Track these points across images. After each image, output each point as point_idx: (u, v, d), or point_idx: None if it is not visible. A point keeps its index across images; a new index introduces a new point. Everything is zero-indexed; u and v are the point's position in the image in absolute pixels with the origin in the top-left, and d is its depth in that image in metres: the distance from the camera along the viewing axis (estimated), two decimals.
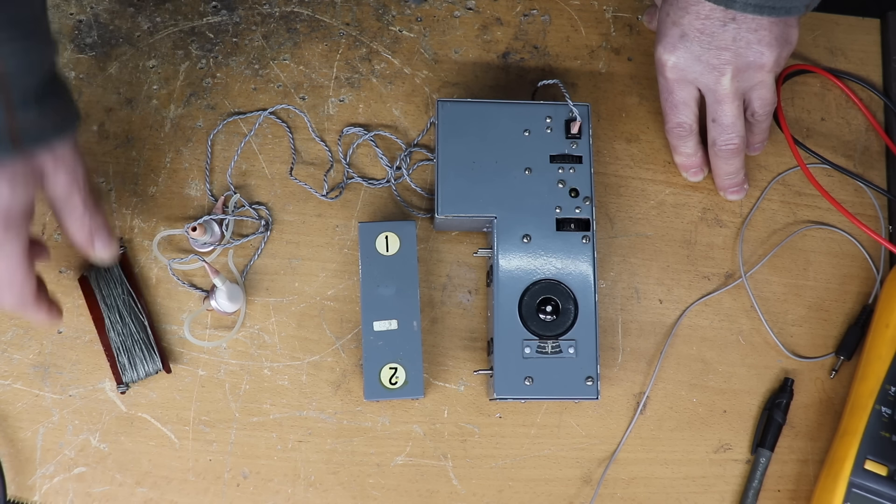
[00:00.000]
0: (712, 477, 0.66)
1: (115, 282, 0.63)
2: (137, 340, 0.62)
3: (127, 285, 0.63)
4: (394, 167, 0.69)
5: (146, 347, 0.63)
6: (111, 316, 0.62)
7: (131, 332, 0.62)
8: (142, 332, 0.63)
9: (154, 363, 0.63)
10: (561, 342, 0.62)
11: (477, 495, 0.65)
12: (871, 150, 0.74)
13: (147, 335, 0.63)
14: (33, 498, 0.62)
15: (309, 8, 0.72)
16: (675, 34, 0.63)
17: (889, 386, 0.64)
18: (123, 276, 0.64)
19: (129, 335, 0.62)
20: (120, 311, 0.63)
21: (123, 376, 0.62)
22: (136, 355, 0.62)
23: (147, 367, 0.63)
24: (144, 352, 0.62)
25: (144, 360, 0.62)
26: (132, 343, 0.62)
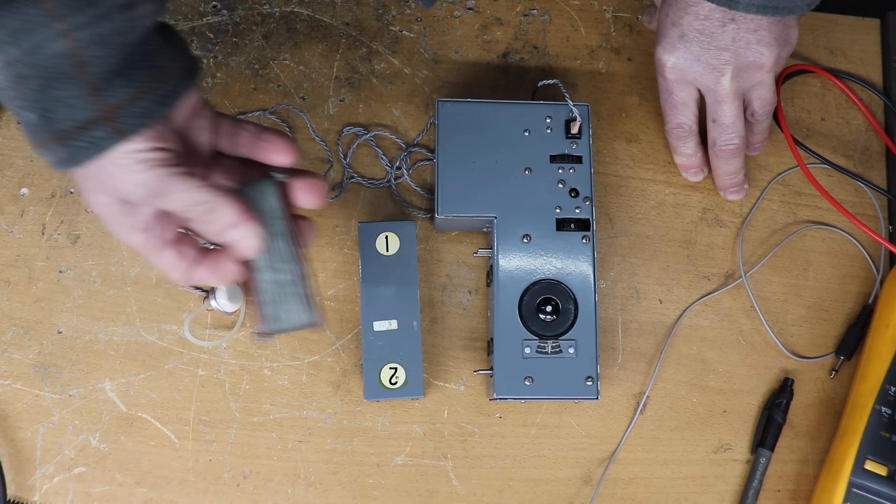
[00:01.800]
0: (712, 477, 0.66)
1: (270, 218, 0.53)
2: (291, 291, 0.53)
3: (284, 224, 0.53)
4: (394, 167, 0.69)
5: (298, 299, 0.54)
6: (265, 258, 0.53)
7: (285, 279, 0.53)
8: (296, 283, 0.54)
9: (308, 315, 0.54)
10: (561, 342, 0.62)
11: (477, 495, 0.65)
12: (871, 150, 0.74)
13: (302, 285, 0.54)
14: (33, 498, 0.62)
15: (309, 8, 0.72)
16: (675, 34, 0.63)
17: (889, 386, 0.64)
18: (282, 213, 0.53)
19: (283, 283, 0.53)
20: (276, 253, 0.53)
21: (267, 326, 0.53)
22: (285, 306, 0.54)
23: (297, 319, 0.54)
24: (295, 303, 0.54)
25: (298, 311, 0.53)
26: (283, 291, 0.53)
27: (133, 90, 0.45)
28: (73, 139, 0.44)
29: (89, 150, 0.45)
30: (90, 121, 0.44)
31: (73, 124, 0.44)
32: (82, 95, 0.44)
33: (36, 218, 0.66)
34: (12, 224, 0.66)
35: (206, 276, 0.52)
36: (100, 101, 0.44)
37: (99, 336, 0.65)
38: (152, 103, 0.46)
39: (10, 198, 0.66)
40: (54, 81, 0.43)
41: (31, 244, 0.66)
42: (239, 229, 0.49)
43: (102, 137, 0.44)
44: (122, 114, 0.45)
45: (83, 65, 0.43)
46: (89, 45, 0.43)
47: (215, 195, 0.48)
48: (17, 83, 0.43)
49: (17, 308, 0.65)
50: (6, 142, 0.67)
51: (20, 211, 0.66)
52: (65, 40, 0.42)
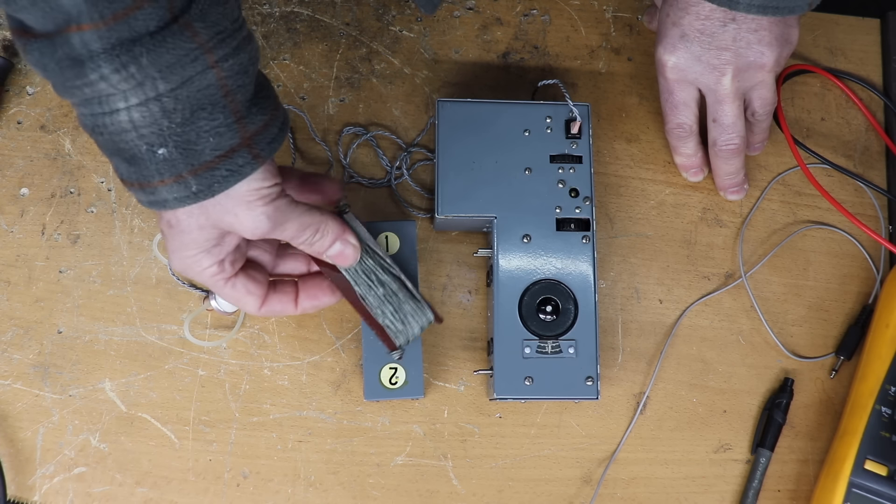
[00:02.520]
0: (712, 477, 0.66)
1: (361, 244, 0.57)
2: (399, 296, 0.56)
3: (367, 242, 0.57)
4: (394, 167, 0.69)
5: (412, 300, 0.57)
6: (362, 281, 0.56)
7: (390, 291, 0.56)
8: (401, 289, 0.57)
9: (426, 313, 0.57)
10: (561, 342, 0.62)
11: (477, 495, 0.65)
12: (871, 150, 0.74)
13: (406, 285, 0.57)
14: (33, 498, 0.62)
15: (309, 8, 0.72)
16: (676, 34, 0.63)
17: (889, 386, 0.64)
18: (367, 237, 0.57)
19: (391, 294, 0.56)
20: (370, 272, 0.56)
21: (397, 339, 0.57)
22: (406, 313, 0.57)
23: (420, 320, 0.57)
24: (412, 305, 0.57)
25: (414, 313, 0.57)
26: (396, 302, 0.56)
27: (265, 117, 0.47)
28: (214, 168, 0.46)
29: (229, 178, 0.46)
30: (233, 148, 0.46)
31: (218, 153, 0.45)
32: (229, 124, 0.45)
33: (36, 218, 0.66)
34: (12, 224, 0.66)
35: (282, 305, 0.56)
36: (243, 129, 0.46)
37: (99, 336, 0.65)
38: (277, 129, 0.48)
39: (10, 198, 0.66)
40: (202, 112, 0.45)
41: (31, 244, 0.66)
42: (341, 241, 0.54)
43: (242, 164, 0.46)
44: (258, 140, 0.47)
45: (230, 93, 0.45)
46: (234, 75, 0.45)
47: (321, 215, 0.53)
48: (159, 118, 0.44)
49: (17, 308, 0.65)
50: (6, 142, 0.67)
51: (20, 211, 0.66)
52: (215, 71, 0.44)
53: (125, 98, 0.43)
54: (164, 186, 0.46)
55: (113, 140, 0.45)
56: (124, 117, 0.43)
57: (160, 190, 0.46)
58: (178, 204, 0.47)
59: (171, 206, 0.47)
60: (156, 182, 0.46)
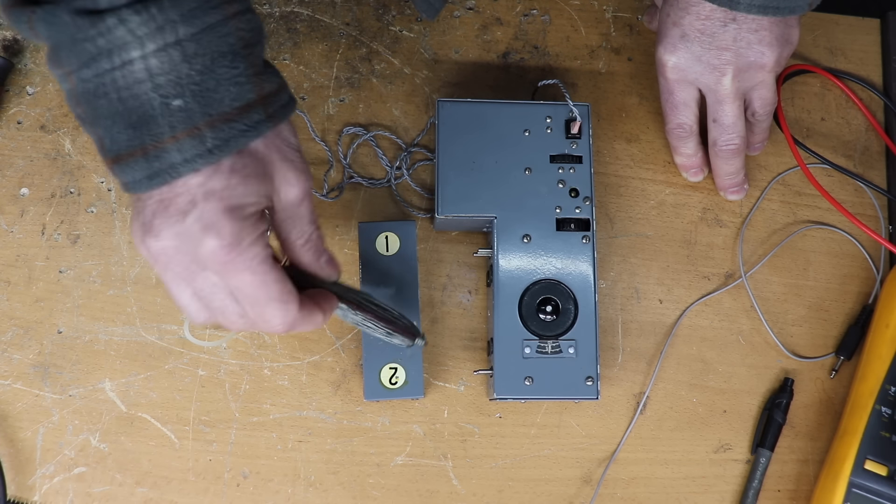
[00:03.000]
0: (712, 477, 0.66)
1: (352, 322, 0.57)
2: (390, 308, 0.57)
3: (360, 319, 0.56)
4: (394, 167, 0.69)
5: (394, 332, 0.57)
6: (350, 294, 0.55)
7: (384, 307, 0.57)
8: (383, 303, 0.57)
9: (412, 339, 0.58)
10: (561, 342, 0.62)
11: (477, 495, 0.65)
12: (871, 150, 0.74)
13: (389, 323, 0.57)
14: (33, 498, 0.62)
15: (309, 8, 0.72)
16: (676, 35, 0.63)
17: (889, 386, 0.64)
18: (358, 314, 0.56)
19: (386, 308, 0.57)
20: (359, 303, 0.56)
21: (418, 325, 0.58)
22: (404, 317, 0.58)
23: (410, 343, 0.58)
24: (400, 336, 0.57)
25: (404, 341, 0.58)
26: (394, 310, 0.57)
27: (279, 80, 0.47)
28: (233, 120, 0.44)
29: (247, 133, 0.44)
30: (250, 103, 0.44)
31: (236, 104, 0.44)
32: (249, 76, 0.44)
33: (36, 218, 0.66)
34: (12, 224, 0.66)
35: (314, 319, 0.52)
36: (258, 86, 0.45)
37: (99, 336, 0.65)
38: (288, 97, 0.47)
39: (10, 198, 0.66)
40: (223, 59, 0.43)
41: (31, 244, 0.66)
42: None
43: (258, 121, 0.45)
44: (273, 101, 0.46)
45: (249, 46, 0.44)
46: (250, 30, 0.44)
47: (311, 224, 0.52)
48: (179, 63, 0.42)
49: (17, 308, 0.65)
50: (6, 142, 0.67)
51: (20, 211, 0.66)
52: (235, 22, 0.43)
53: (142, 45, 0.41)
54: (174, 144, 0.43)
55: (121, 98, 0.42)
56: (139, 66, 0.42)
57: (170, 149, 0.43)
58: (187, 167, 0.43)
59: (176, 173, 0.43)
60: (166, 139, 0.43)
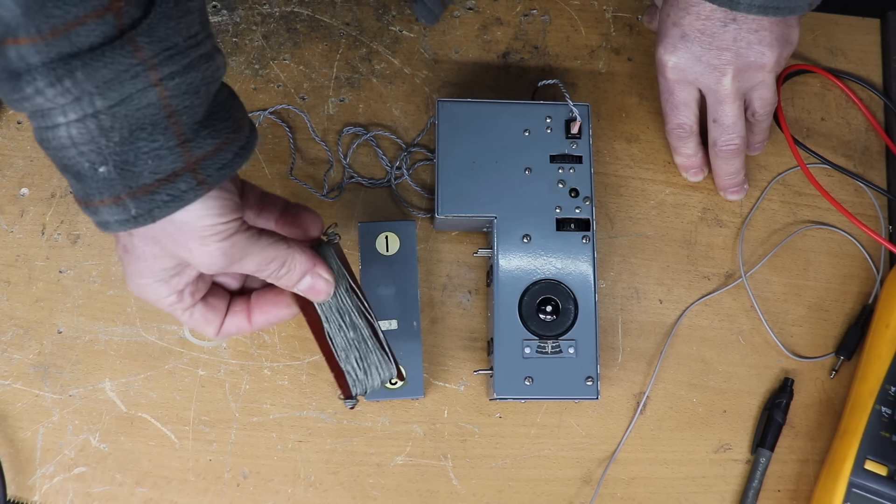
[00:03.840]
0: (712, 477, 0.66)
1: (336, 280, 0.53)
2: (369, 346, 0.53)
3: (349, 279, 0.53)
4: (394, 167, 0.69)
5: (379, 352, 0.53)
6: (334, 320, 0.53)
7: (360, 337, 0.53)
8: (372, 337, 0.53)
9: (389, 368, 0.54)
10: (561, 342, 0.62)
11: (477, 495, 0.65)
12: (871, 150, 0.74)
13: (378, 336, 0.53)
14: (33, 498, 0.62)
15: (309, 8, 0.72)
16: (676, 35, 0.63)
17: (889, 386, 0.64)
18: (344, 270, 0.54)
19: (360, 340, 0.53)
20: (344, 313, 0.53)
21: (355, 388, 0.53)
22: (370, 363, 0.53)
23: (383, 374, 0.53)
24: (378, 358, 0.53)
25: (379, 368, 0.53)
26: (364, 350, 0.53)
27: (216, 141, 0.44)
28: (154, 192, 0.43)
29: (169, 203, 0.43)
30: (175, 173, 0.43)
31: (157, 177, 0.43)
32: (171, 147, 0.43)
33: (36, 218, 0.66)
34: (12, 224, 0.66)
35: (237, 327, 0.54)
36: (187, 153, 0.43)
37: (99, 336, 0.65)
38: (232, 154, 0.45)
39: (10, 198, 0.66)
40: (142, 132, 0.42)
41: (31, 244, 0.66)
42: (312, 275, 0.51)
43: (185, 190, 0.43)
44: (206, 165, 0.44)
45: (174, 114, 0.42)
46: (180, 94, 0.42)
47: (287, 248, 0.50)
48: (96, 136, 0.41)
49: (17, 308, 0.65)
50: (6, 142, 0.67)
51: (20, 211, 0.66)
52: (158, 89, 0.41)
53: (64, 113, 0.41)
54: (104, 207, 0.43)
55: (57, 155, 0.43)
56: (63, 133, 0.41)
57: (101, 210, 0.44)
58: (120, 227, 0.44)
59: (114, 229, 0.44)
60: (96, 202, 0.43)
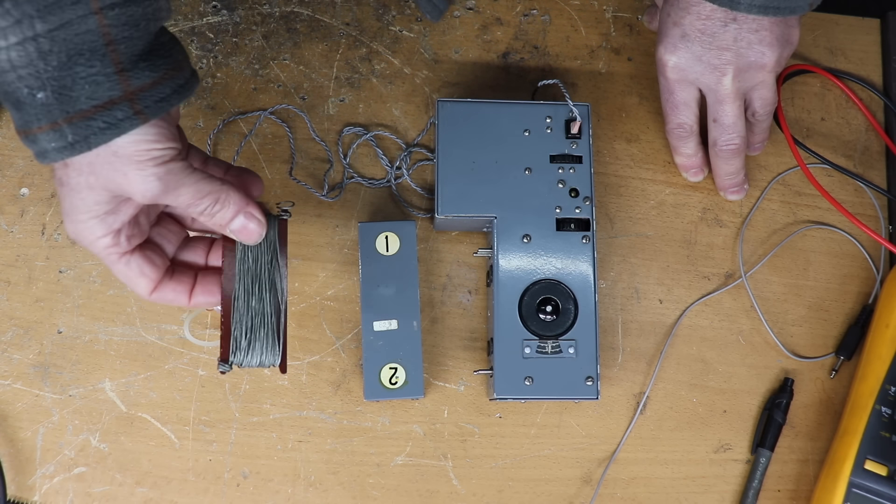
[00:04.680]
0: (712, 477, 0.66)
1: (264, 248, 0.53)
2: (266, 323, 0.53)
3: (278, 258, 0.53)
4: (394, 167, 0.69)
5: (272, 335, 0.53)
6: (245, 283, 0.53)
7: (263, 311, 0.52)
8: (273, 317, 0.53)
9: (275, 355, 0.53)
10: (561, 342, 0.62)
11: (477, 495, 0.65)
12: (871, 150, 0.74)
13: (278, 321, 0.53)
14: (33, 498, 0.62)
15: (309, 8, 0.72)
16: (676, 34, 0.63)
17: (889, 386, 0.64)
18: (278, 247, 0.54)
19: (260, 314, 0.52)
20: (258, 281, 0.53)
21: (233, 356, 0.52)
22: (258, 339, 0.52)
23: (264, 357, 0.53)
24: (268, 339, 0.53)
25: (265, 348, 0.52)
26: (258, 323, 0.52)
27: (156, 75, 0.46)
28: (90, 119, 0.44)
29: (106, 130, 0.44)
30: (112, 100, 0.44)
31: (94, 103, 0.44)
32: (108, 74, 0.44)
33: (36, 218, 0.66)
34: (12, 224, 0.66)
35: (175, 294, 0.54)
36: (125, 82, 0.44)
37: (99, 336, 0.65)
38: (171, 90, 0.46)
39: (10, 198, 0.66)
40: (80, 58, 0.43)
41: (31, 244, 0.66)
42: (245, 214, 0.51)
43: (122, 119, 0.44)
44: (143, 97, 0.45)
45: (113, 43, 0.43)
46: (120, 25, 0.43)
47: (221, 184, 0.50)
48: (35, 59, 0.43)
49: (17, 308, 0.65)
50: (6, 142, 0.67)
51: (20, 211, 0.66)
52: (98, 17, 0.43)
53: (4, 36, 0.42)
54: (42, 134, 0.44)
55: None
56: (3, 56, 0.42)
57: (40, 138, 0.45)
58: (58, 155, 0.45)
59: (52, 158, 0.45)
60: (35, 128, 0.44)
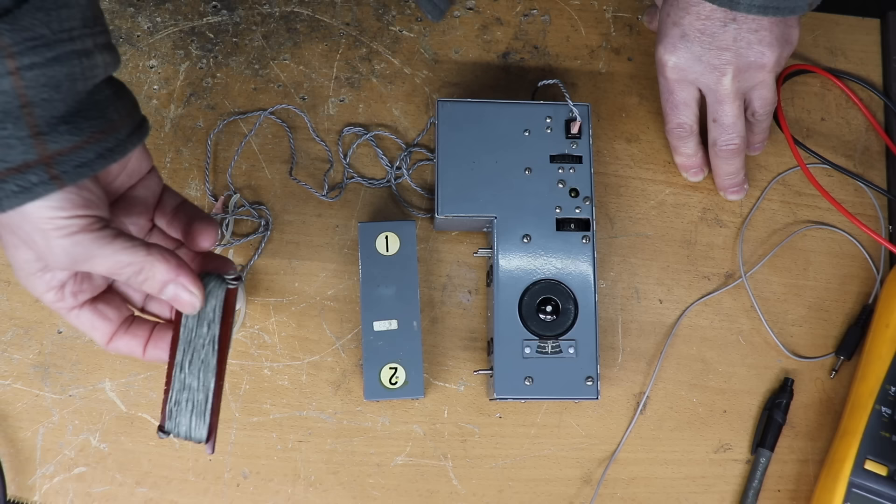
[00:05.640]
0: (712, 477, 0.66)
1: (203, 318, 0.51)
2: (197, 397, 0.51)
3: (216, 330, 0.51)
4: (394, 167, 0.69)
5: (198, 412, 0.51)
6: (184, 352, 0.51)
7: (192, 386, 0.51)
8: (201, 393, 0.51)
9: (198, 431, 0.51)
10: (561, 342, 0.62)
11: (477, 495, 0.65)
12: (871, 150, 0.74)
13: (206, 399, 0.51)
14: (33, 498, 0.62)
15: (309, 8, 0.72)
16: (676, 34, 0.63)
17: (889, 386, 0.64)
18: (218, 317, 0.51)
19: (190, 388, 0.50)
20: (193, 354, 0.51)
21: (168, 424, 0.51)
22: (184, 413, 0.51)
23: (189, 431, 0.51)
24: (194, 415, 0.51)
25: (190, 423, 0.51)
26: (187, 398, 0.51)
27: (77, 139, 0.43)
28: (2, 181, 0.42)
29: (18, 194, 0.42)
30: (26, 164, 0.42)
31: (6, 166, 0.42)
32: (22, 137, 0.41)
33: None
34: None
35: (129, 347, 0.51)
36: (40, 146, 0.42)
37: None
38: (95, 155, 0.44)
39: None
40: None
41: None
42: (175, 285, 0.48)
43: (36, 183, 0.42)
44: (61, 161, 0.43)
45: (29, 105, 0.41)
46: (38, 86, 0.41)
47: (146, 255, 0.46)
48: None
49: (17, 308, 0.65)
50: None
51: None
52: (13, 79, 0.40)
53: None
54: None
55: None
56: None
57: None
58: None
59: None
60: None
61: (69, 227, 0.44)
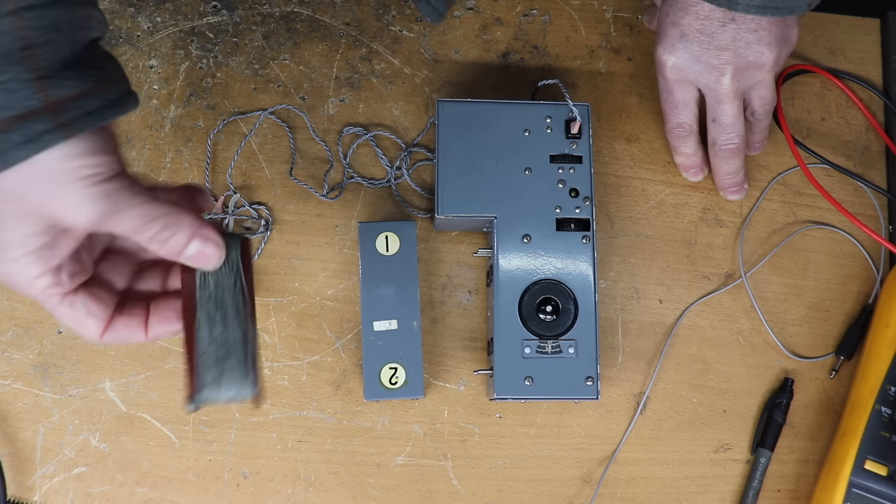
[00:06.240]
0: (712, 477, 0.66)
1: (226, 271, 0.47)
2: (234, 353, 0.46)
3: (242, 279, 0.47)
4: (394, 167, 0.69)
5: (243, 365, 0.46)
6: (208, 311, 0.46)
7: (229, 340, 0.46)
8: (241, 345, 0.46)
9: (248, 387, 0.46)
10: (561, 342, 0.62)
11: (477, 495, 0.65)
12: (871, 150, 0.74)
13: (248, 349, 0.46)
14: (33, 498, 0.62)
15: (309, 8, 0.72)
16: (675, 34, 0.63)
17: (889, 386, 0.64)
18: (241, 267, 0.47)
19: (226, 343, 0.46)
20: (222, 307, 0.47)
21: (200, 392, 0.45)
22: (227, 366, 0.46)
23: (236, 391, 0.46)
24: (239, 370, 0.46)
25: (235, 380, 0.46)
26: (226, 354, 0.46)
27: (84, 85, 0.40)
28: (6, 132, 0.39)
29: (23, 146, 0.39)
30: (31, 111, 0.39)
31: (9, 114, 0.38)
32: (25, 81, 0.39)
33: None
34: None
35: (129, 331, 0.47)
36: (45, 91, 0.39)
37: None
38: (101, 104, 0.41)
39: None
40: None
41: None
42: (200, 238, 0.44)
43: (43, 132, 0.39)
44: (69, 108, 0.39)
45: (31, 47, 0.39)
46: (40, 28, 0.39)
47: (170, 207, 0.43)
48: None
49: (17, 308, 0.65)
50: None
51: None
52: (13, 18, 0.38)
53: None
54: None
55: None
56: None
57: None
58: None
59: None
60: None
61: (97, 175, 0.41)
